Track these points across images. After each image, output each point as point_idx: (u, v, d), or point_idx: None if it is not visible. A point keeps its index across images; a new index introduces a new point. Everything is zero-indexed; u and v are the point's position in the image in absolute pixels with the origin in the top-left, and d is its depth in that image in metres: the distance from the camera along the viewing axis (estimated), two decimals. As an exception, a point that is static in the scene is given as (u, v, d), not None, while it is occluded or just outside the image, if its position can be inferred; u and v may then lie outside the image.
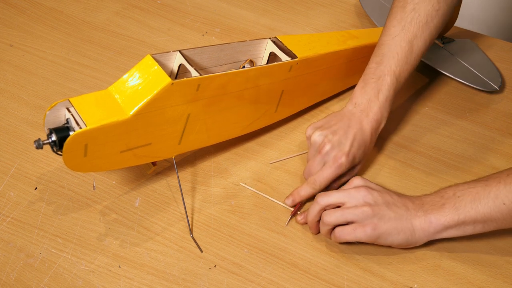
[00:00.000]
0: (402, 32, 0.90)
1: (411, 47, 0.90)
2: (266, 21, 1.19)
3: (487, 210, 0.76)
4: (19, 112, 0.97)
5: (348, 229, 0.78)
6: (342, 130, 0.86)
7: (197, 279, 0.78)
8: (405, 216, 0.78)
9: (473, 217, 0.77)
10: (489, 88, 1.04)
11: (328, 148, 0.85)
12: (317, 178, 0.85)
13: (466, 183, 0.79)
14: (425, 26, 0.90)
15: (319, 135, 0.86)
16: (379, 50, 0.91)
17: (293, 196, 0.86)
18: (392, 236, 0.78)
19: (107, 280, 0.77)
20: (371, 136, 0.89)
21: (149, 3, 1.21)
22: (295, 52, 0.90)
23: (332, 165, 0.85)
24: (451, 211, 0.77)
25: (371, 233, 0.78)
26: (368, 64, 0.92)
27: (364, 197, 0.79)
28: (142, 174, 0.89)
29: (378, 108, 0.89)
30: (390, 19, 0.92)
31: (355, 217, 0.78)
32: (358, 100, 0.89)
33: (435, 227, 0.78)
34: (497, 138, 0.99)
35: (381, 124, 0.90)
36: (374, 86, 0.89)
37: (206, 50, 0.87)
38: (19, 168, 0.89)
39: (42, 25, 1.15)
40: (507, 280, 0.80)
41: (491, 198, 0.76)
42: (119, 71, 1.06)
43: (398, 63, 0.89)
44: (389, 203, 0.79)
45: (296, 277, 0.79)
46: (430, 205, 0.79)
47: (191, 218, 0.85)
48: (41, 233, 0.82)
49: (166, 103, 0.78)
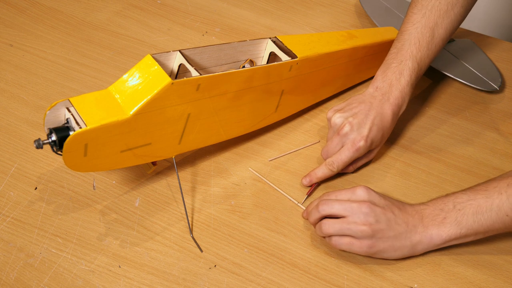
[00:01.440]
0: (423, 19, 0.91)
1: (432, 34, 0.91)
2: (266, 21, 1.19)
3: (490, 222, 0.75)
4: (19, 112, 0.97)
5: (345, 240, 0.78)
6: (363, 113, 0.87)
7: (197, 279, 0.78)
8: (404, 234, 0.78)
9: (475, 230, 0.76)
10: (489, 88, 1.04)
11: (348, 130, 0.86)
12: (334, 160, 0.86)
13: (465, 194, 0.78)
14: (446, 14, 0.91)
15: (339, 117, 0.88)
16: (400, 36, 0.92)
17: (310, 177, 0.88)
18: (389, 253, 0.78)
19: (107, 280, 0.77)
20: (392, 121, 0.89)
21: (149, 3, 1.22)
22: (295, 52, 0.90)
23: (350, 148, 0.86)
24: (453, 225, 0.77)
25: (367, 250, 0.78)
26: (390, 50, 0.93)
27: (366, 215, 0.77)
28: (142, 174, 0.89)
29: (399, 92, 0.89)
30: (411, 6, 0.93)
31: (353, 233, 0.77)
32: (379, 83, 0.90)
33: (435, 241, 0.78)
34: (497, 138, 0.99)
35: (402, 108, 0.91)
36: (395, 70, 0.90)
37: (206, 50, 0.87)
38: (19, 168, 0.89)
39: (42, 25, 1.15)
40: (507, 280, 0.80)
41: (494, 211, 0.75)
42: (119, 71, 1.06)
43: (419, 48, 0.90)
44: (390, 220, 0.77)
45: (296, 277, 0.79)
46: (430, 219, 0.78)
47: (191, 218, 0.85)
48: (41, 233, 0.82)
49: (166, 103, 0.78)
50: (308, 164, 0.92)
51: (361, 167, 0.92)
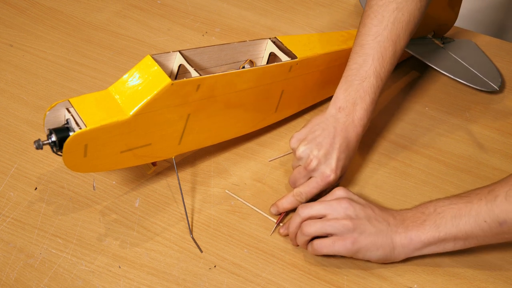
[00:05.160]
0: (384, 31, 0.86)
1: (395, 47, 0.87)
2: (266, 21, 1.19)
3: (468, 227, 0.75)
4: (19, 112, 0.98)
5: (327, 241, 0.77)
6: (327, 142, 0.83)
7: (197, 279, 0.78)
8: (385, 231, 0.77)
9: (453, 234, 0.76)
10: (489, 88, 1.04)
11: (315, 165, 0.82)
12: (303, 191, 0.83)
13: (448, 199, 0.78)
14: (407, 25, 0.87)
15: (304, 150, 0.83)
16: (361, 50, 0.87)
17: (277, 207, 0.85)
18: (371, 251, 0.77)
19: (107, 280, 0.77)
20: (356, 143, 0.86)
21: (149, 3, 1.21)
22: (295, 52, 0.90)
23: (320, 182, 0.82)
24: (432, 228, 0.76)
25: (351, 247, 0.76)
26: (348, 65, 0.88)
27: (346, 209, 0.77)
28: (142, 174, 0.89)
29: (364, 111, 0.85)
30: (369, 17, 0.87)
31: (335, 230, 0.76)
32: (342, 103, 0.85)
33: (415, 244, 0.77)
34: (497, 138, 0.99)
35: (366, 127, 0.87)
36: (359, 88, 0.85)
37: (206, 50, 0.87)
38: (19, 168, 0.89)
39: (42, 25, 1.15)
40: (507, 280, 0.80)
41: (472, 215, 0.74)
42: (119, 71, 1.06)
43: (383, 64, 0.86)
44: (371, 217, 0.77)
45: (296, 278, 0.79)
46: (411, 221, 0.77)
47: (191, 218, 0.85)
48: (41, 233, 0.82)
49: (166, 103, 0.78)
50: (308, 164, 0.92)
51: (360, 167, 0.92)
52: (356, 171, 0.92)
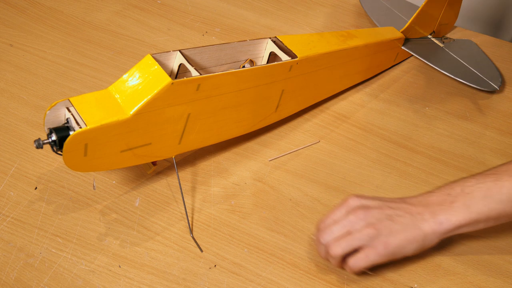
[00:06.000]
0: None
1: None
2: (266, 21, 1.19)
3: (501, 206, 0.72)
4: (19, 112, 0.97)
5: (360, 255, 0.74)
6: None
7: (197, 279, 0.78)
8: (411, 223, 0.75)
9: (486, 214, 0.73)
10: (489, 88, 1.04)
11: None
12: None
13: (473, 177, 0.75)
14: None
15: None
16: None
17: None
18: (406, 247, 0.75)
19: (107, 280, 0.77)
20: None
21: (149, 3, 1.21)
22: (295, 52, 0.90)
23: None
24: (462, 209, 0.74)
25: (384, 252, 0.74)
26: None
27: (364, 218, 0.74)
28: (142, 174, 0.89)
29: None
30: None
31: (362, 241, 0.74)
32: None
33: (446, 227, 0.74)
34: (497, 138, 0.99)
35: None
36: None
37: (206, 50, 0.87)
38: (19, 168, 0.89)
39: (42, 25, 1.15)
40: (507, 280, 0.80)
41: (505, 193, 0.72)
42: (119, 71, 1.06)
43: None
44: (391, 215, 0.75)
45: (296, 277, 0.79)
46: (437, 204, 0.75)
47: (191, 218, 0.85)
48: (41, 233, 0.82)
49: (166, 102, 0.78)
50: (308, 164, 0.92)
51: (361, 167, 0.93)
52: (356, 171, 0.92)
